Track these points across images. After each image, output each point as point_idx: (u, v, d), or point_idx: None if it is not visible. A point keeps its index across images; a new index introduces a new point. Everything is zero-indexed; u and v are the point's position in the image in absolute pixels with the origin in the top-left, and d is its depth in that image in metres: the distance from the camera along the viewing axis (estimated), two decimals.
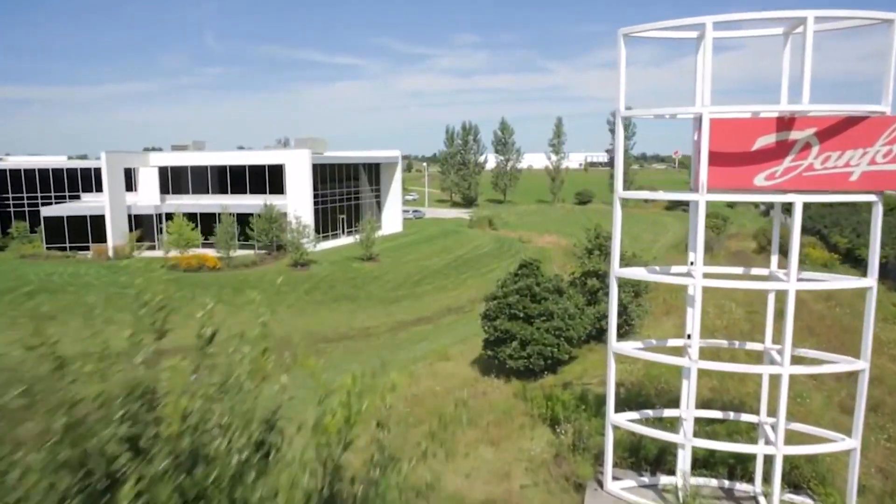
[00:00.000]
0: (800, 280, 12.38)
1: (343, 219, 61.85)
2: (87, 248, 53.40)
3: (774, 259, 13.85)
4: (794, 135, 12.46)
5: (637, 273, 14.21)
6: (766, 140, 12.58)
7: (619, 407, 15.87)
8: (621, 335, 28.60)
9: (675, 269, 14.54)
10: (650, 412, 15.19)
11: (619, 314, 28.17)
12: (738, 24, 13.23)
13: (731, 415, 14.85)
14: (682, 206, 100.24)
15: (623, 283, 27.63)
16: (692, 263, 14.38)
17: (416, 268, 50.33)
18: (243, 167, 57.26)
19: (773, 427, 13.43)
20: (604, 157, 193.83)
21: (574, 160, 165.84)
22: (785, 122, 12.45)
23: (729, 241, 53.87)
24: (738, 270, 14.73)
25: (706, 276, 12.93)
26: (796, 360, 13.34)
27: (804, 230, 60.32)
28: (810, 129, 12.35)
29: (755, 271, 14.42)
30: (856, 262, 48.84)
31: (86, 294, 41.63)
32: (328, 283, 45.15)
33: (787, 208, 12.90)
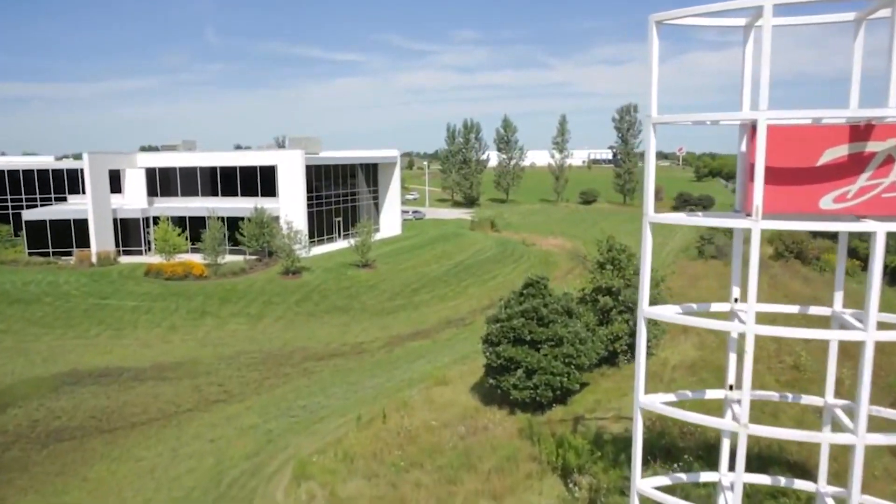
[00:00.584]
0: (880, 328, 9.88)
1: (339, 221, 59.37)
2: (70, 254, 50.95)
3: (839, 297, 11.34)
4: (873, 146, 9.96)
5: (671, 315, 11.67)
6: (836, 153, 10.08)
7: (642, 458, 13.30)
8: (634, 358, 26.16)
9: (715, 306, 12.04)
10: (683, 476, 12.68)
11: (634, 334, 25.72)
12: (800, 9, 10.74)
13: (783, 481, 12.34)
14: (689, 206, 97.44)
15: (637, 301, 25.12)
16: (737, 300, 11.91)
17: (415, 275, 47.82)
18: (234, 168, 54.75)
19: (838, 502, 10.97)
20: (607, 154, 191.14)
21: (577, 157, 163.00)
22: (860, 131, 9.95)
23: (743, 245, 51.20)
24: (793, 309, 12.19)
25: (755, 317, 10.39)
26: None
27: (820, 233, 57.29)
28: (893, 139, 9.86)
29: (814, 310, 11.89)
30: None
31: (63, 305, 39.22)
32: (320, 292, 42.67)
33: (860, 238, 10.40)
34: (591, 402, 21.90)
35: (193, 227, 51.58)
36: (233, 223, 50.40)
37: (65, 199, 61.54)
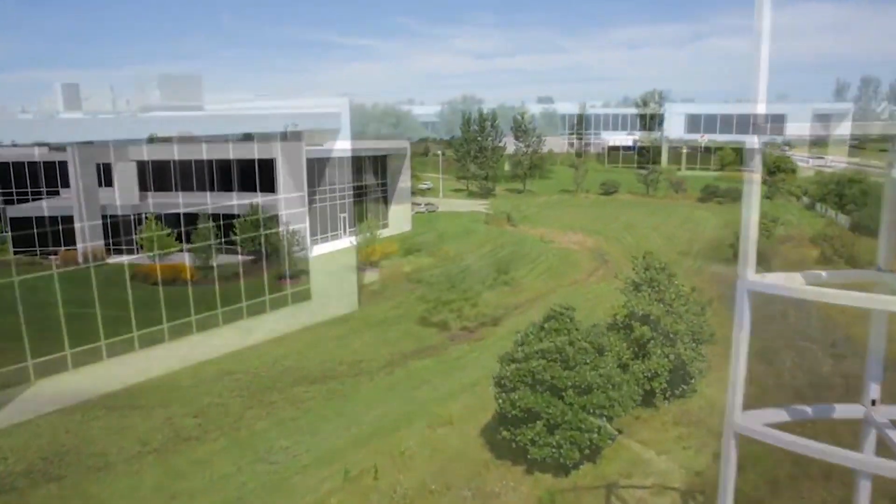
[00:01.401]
0: None
1: (344, 218, 55.62)
2: (58, 253, 47.77)
3: None
4: None
5: (776, 434, 7.68)
6: None
7: None
8: (677, 396, 22.20)
9: (841, 408, 8.09)
10: None
11: (675, 370, 21.71)
12: None
13: None
14: (717, 197, 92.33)
15: (682, 334, 21.10)
16: (874, 402, 7.92)
17: (422, 278, 44.00)
18: (231, 162, 51.15)
19: None
20: (627, 142, 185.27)
21: (596, 144, 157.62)
22: None
23: (782, 246, 46.76)
24: None
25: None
26: None
27: (858, 228, 51.54)
28: None
29: None
30: None
31: (36, 314, 35.88)
32: (318, 299, 39.06)
33: None
34: (626, 460, 18.01)
35: (188, 225, 48.10)
36: (230, 221, 46.84)
37: (57, 194, 58.36)
